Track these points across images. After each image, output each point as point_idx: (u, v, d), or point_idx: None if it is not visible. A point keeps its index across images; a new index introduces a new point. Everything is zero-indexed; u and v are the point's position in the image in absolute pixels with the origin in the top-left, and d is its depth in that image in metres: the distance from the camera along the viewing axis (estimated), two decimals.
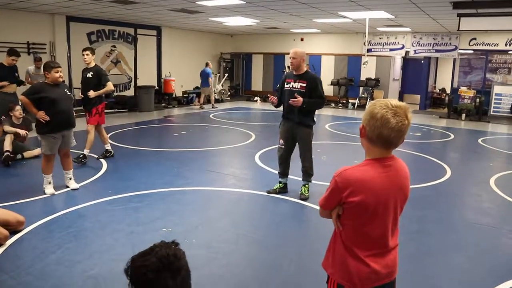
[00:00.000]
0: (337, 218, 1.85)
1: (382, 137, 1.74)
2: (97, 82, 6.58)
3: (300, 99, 4.94)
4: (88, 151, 6.72)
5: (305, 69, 5.16)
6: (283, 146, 5.31)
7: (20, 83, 8.59)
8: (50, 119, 5.02)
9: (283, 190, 5.44)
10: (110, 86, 6.69)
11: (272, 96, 5.33)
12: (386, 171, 1.80)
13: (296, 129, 5.19)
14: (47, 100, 5.01)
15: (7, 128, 6.71)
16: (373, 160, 1.81)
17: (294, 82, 5.10)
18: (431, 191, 5.84)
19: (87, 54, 6.63)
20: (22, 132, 6.71)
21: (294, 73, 5.16)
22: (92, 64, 6.68)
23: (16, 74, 8.55)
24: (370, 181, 1.77)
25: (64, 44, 12.67)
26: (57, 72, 5.06)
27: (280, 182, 5.46)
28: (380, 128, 1.72)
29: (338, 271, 1.89)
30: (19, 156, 6.78)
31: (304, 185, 5.36)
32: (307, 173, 5.34)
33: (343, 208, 1.82)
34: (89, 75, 6.60)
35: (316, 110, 5.34)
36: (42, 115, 5.00)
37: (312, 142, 5.36)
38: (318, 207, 4.99)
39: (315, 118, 5.31)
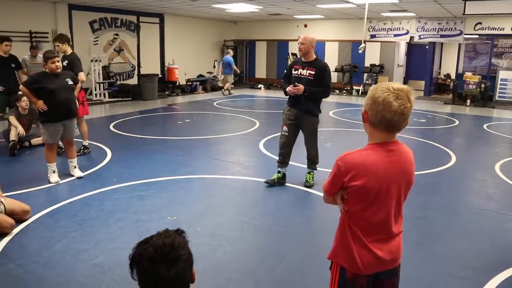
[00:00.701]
0: (341, 200, 1.85)
1: (385, 121, 1.72)
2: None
3: (301, 87, 4.86)
4: (87, 141, 6.70)
5: (314, 56, 5.03)
6: (286, 133, 5.19)
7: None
8: (49, 109, 5.08)
9: (282, 180, 5.28)
10: (81, 76, 6.14)
11: (294, 88, 4.92)
12: (389, 155, 1.78)
13: (303, 117, 5.08)
14: (45, 90, 5.07)
15: (12, 120, 6.72)
16: (376, 144, 1.79)
17: (303, 69, 4.97)
18: (436, 177, 5.82)
19: (57, 45, 6.36)
20: (20, 130, 6.56)
21: (303, 59, 5.02)
22: (69, 52, 6.37)
23: (13, 65, 8.13)
24: (372, 165, 1.75)
25: (66, 32, 12.59)
26: (53, 63, 5.07)
27: (279, 172, 5.29)
28: (382, 112, 1.71)
29: (341, 255, 1.90)
30: (26, 143, 6.86)
31: (309, 173, 5.30)
32: (313, 161, 5.28)
33: (346, 193, 1.81)
34: (65, 63, 6.21)
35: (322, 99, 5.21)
36: (41, 105, 5.07)
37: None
38: (322, 194, 4.99)
39: (321, 107, 5.24)
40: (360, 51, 11.92)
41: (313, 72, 4.92)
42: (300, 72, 4.98)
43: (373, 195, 1.77)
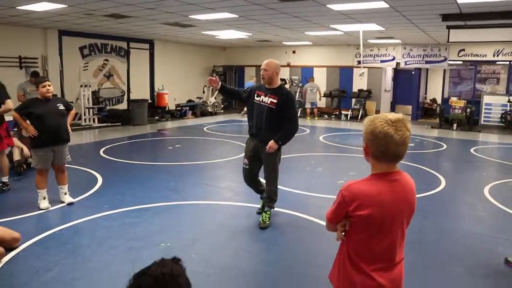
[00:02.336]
0: (341, 230, 1.86)
1: (389, 153, 1.76)
2: None
3: (274, 145, 4.56)
4: (7, 177, 6.05)
5: (278, 83, 4.68)
6: (246, 166, 4.86)
7: None
8: (38, 134, 5.07)
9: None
10: (8, 104, 5.65)
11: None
12: (392, 185, 1.81)
13: (262, 148, 4.66)
14: (33, 115, 5.10)
15: (16, 142, 6.81)
16: (379, 174, 1.82)
17: (265, 96, 4.61)
18: (427, 201, 5.87)
19: None
20: (26, 150, 6.73)
21: (267, 86, 4.67)
22: None
23: None
24: (376, 195, 1.78)
25: (56, 58, 12.67)
26: (44, 87, 5.10)
27: (262, 198, 5.09)
28: (385, 145, 1.74)
29: (343, 284, 1.89)
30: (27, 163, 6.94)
31: (265, 212, 4.83)
32: (270, 198, 4.83)
33: (350, 222, 1.83)
34: None
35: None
36: (31, 130, 5.08)
37: (281, 160, 4.91)
38: (316, 220, 4.96)
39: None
40: (361, 77, 12.20)
41: (275, 101, 4.55)
42: (262, 99, 4.64)
43: (378, 225, 1.79)
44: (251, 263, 3.97)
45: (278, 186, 5.13)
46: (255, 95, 4.74)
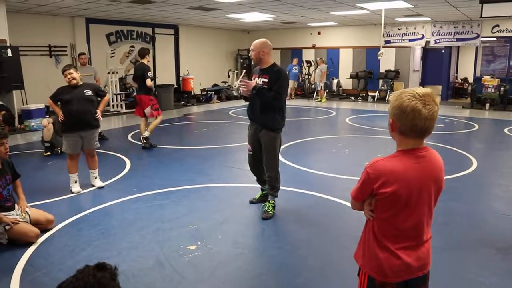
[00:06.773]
0: (369, 208, 1.84)
1: (416, 128, 1.71)
2: None
3: (251, 82, 4.35)
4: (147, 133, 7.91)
5: (271, 62, 4.48)
6: (250, 152, 4.70)
7: None
8: (66, 119, 5.25)
9: (266, 198, 4.85)
10: (147, 82, 7.78)
11: (242, 81, 4.45)
12: (419, 162, 1.76)
13: (261, 132, 4.52)
14: (62, 101, 5.30)
15: (45, 121, 7.23)
16: (406, 150, 1.78)
17: (258, 78, 4.46)
18: (457, 183, 5.74)
19: None
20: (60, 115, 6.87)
21: (259, 68, 4.52)
22: None
23: None
24: (402, 172, 1.74)
25: (84, 45, 12.86)
26: (65, 76, 5.22)
27: (262, 190, 4.96)
28: (412, 120, 1.69)
29: (369, 263, 1.87)
30: (58, 150, 7.23)
31: (269, 201, 4.66)
32: (271, 185, 4.62)
33: (375, 200, 1.80)
34: None
35: (281, 110, 4.51)
36: (60, 115, 5.31)
37: (281, 147, 4.73)
38: (343, 201, 4.93)
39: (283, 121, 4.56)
40: (379, 58, 11.86)
41: (266, 80, 4.36)
42: (256, 82, 4.45)
43: (404, 202, 1.75)
44: (277, 244, 3.99)
45: (303, 168, 5.09)
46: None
